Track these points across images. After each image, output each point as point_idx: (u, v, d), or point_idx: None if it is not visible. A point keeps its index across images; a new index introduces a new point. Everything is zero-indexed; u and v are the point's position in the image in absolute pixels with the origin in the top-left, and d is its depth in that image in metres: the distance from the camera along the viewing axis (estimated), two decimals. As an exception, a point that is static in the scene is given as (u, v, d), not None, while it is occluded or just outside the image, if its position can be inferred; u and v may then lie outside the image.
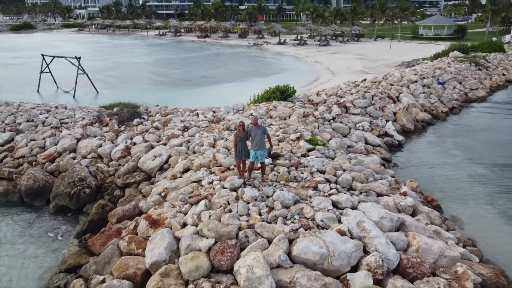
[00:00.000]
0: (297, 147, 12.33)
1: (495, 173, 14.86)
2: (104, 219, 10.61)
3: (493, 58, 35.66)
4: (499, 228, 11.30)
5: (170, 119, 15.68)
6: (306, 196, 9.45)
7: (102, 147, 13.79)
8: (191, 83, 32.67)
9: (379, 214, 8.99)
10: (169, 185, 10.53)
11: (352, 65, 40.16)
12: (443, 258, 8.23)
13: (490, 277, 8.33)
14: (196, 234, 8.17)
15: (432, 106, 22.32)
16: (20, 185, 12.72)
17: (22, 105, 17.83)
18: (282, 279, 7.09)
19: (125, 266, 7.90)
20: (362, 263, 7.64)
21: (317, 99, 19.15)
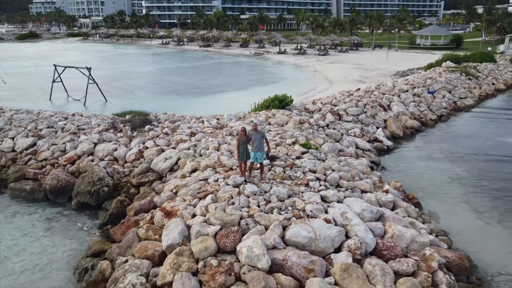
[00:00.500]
0: (292, 150, 13.85)
1: (473, 175, 16.33)
2: (122, 212, 12.12)
3: (484, 68, 37.26)
4: (471, 223, 12.75)
5: (178, 125, 17.24)
6: (298, 192, 10.95)
7: (117, 150, 15.33)
8: (195, 92, 34.27)
9: (361, 207, 10.47)
10: (180, 183, 12.04)
11: (349, 75, 41.79)
12: (414, 243, 9.68)
13: (454, 260, 9.79)
14: (204, 222, 9.65)
15: (421, 114, 23.85)
16: (45, 184, 14.23)
17: (42, 112, 19.44)
18: (276, 257, 8.56)
19: (144, 249, 9.38)
20: (344, 246, 9.11)
21: (313, 107, 20.71)
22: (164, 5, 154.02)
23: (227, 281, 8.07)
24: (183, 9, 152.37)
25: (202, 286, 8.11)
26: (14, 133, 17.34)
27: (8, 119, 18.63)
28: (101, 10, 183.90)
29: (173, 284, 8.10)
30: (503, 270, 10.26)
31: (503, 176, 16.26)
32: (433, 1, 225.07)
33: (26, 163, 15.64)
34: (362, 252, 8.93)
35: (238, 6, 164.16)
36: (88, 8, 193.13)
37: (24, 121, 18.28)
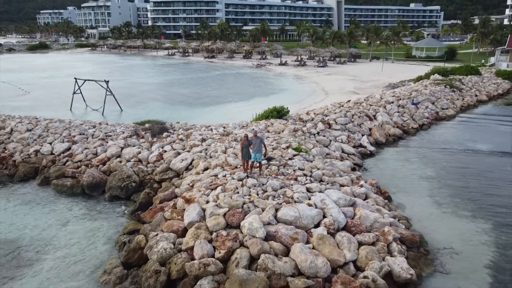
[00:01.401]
0: (286, 153, 16.87)
1: (440, 175, 19.27)
2: (149, 202, 15.15)
3: (468, 81, 40.28)
4: (430, 212, 15.66)
5: (191, 133, 20.29)
6: (289, 184, 13.96)
7: (141, 153, 18.39)
8: (202, 103, 37.38)
9: (338, 196, 13.45)
10: (195, 178, 15.07)
11: (344, 86, 44.86)
12: (376, 223, 12.65)
13: (408, 236, 12.74)
14: (216, 206, 12.65)
15: (404, 123, 26.85)
16: (82, 181, 17.28)
17: (72, 121, 22.56)
18: (270, 230, 11.53)
19: (171, 225, 12.37)
20: (321, 223, 12.08)
21: (306, 117, 23.76)
22: (169, 17, 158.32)
23: (233, 245, 11.04)
24: (187, 20, 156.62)
25: (215, 249, 11.08)
26: (51, 139, 20.45)
27: (44, 127, 21.76)
28: (108, 21, 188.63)
29: (194, 248, 11.08)
30: (448, 245, 13.17)
31: (466, 176, 19.21)
32: (433, 12, 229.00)
33: (64, 163, 18.72)
34: (335, 228, 11.91)
35: (241, 17, 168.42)
36: (95, 19, 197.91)
37: (59, 128, 21.41)
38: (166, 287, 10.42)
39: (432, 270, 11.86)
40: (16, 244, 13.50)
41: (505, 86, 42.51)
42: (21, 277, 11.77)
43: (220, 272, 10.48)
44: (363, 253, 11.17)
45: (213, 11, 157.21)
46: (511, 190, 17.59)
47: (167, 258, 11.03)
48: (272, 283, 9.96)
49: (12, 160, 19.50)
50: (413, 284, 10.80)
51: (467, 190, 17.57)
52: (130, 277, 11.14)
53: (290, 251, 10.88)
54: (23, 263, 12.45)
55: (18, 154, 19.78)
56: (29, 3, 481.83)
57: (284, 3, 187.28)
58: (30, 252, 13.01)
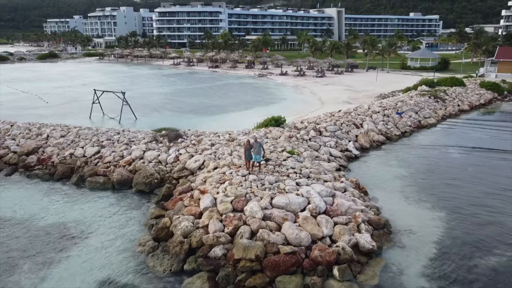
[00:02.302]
0: (281, 155, 20.47)
1: (413, 174, 22.80)
2: (169, 194, 18.74)
3: (453, 92, 43.86)
4: (399, 203, 19.17)
5: (201, 139, 23.90)
6: (282, 179, 17.54)
7: (160, 156, 22.01)
8: (208, 112, 41.04)
9: (320, 188, 17.01)
10: (207, 175, 18.67)
11: (339, 96, 48.44)
12: (350, 209, 16.17)
13: (374, 219, 16.24)
14: (225, 196, 16.21)
15: (388, 131, 30.41)
16: (112, 179, 20.89)
17: (99, 129, 26.24)
18: (266, 213, 15.07)
19: (190, 210, 15.93)
20: (306, 208, 15.62)
21: (301, 125, 27.37)
22: (174, 26, 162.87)
23: (238, 223, 14.58)
24: (192, 30, 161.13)
25: (225, 226, 14.61)
26: (83, 144, 24.12)
27: (76, 133, 25.44)
28: (114, 30, 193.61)
29: (208, 225, 14.64)
30: (407, 228, 16.66)
31: (433, 174, 22.76)
32: (432, 21, 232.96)
33: (96, 164, 22.35)
34: (317, 212, 15.45)
35: (244, 26, 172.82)
36: (101, 28, 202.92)
37: (88, 135, 25.08)
38: (188, 253, 13.97)
39: (391, 244, 15.38)
40: (65, 227, 17.08)
41: (488, 97, 46.09)
42: (74, 250, 15.33)
43: (229, 242, 14.02)
44: (337, 230, 14.70)
45: (216, 21, 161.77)
46: (466, 185, 21.12)
47: (188, 232, 14.59)
48: (267, 249, 13.49)
49: (51, 161, 23.15)
50: (374, 252, 14.31)
51: (431, 186, 21.10)
52: (160, 247, 14.71)
53: (282, 228, 14.43)
54: (73, 241, 16.01)
55: (55, 157, 23.42)
56: (35, 11, 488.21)
57: (286, 13, 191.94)
58: (77, 234, 16.58)
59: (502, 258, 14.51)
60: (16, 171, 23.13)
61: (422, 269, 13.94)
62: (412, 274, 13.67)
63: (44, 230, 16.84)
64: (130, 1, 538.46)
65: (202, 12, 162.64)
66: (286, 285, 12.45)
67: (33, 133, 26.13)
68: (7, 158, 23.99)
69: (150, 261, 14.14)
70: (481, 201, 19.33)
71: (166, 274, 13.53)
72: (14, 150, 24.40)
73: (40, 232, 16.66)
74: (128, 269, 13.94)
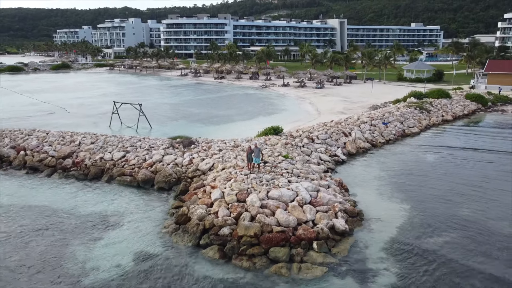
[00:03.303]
0: (277, 159, 24.73)
1: (390, 175, 26.92)
2: (185, 190, 23.03)
3: (438, 103, 47.99)
4: (374, 199, 23.28)
5: (211, 145, 28.21)
6: (277, 178, 21.79)
7: (177, 159, 26.34)
8: (215, 121, 45.41)
9: (308, 185, 21.24)
10: (216, 174, 22.95)
11: (335, 107, 52.69)
12: (330, 201, 20.37)
13: (350, 209, 20.42)
14: (231, 190, 20.46)
15: (374, 139, 34.58)
16: (137, 178, 25.20)
17: (123, 136, 30.65)
18: (263, 202, 19.31)
19: (203, 201, 20.20)
20: (295, 199, 19.84)
21: (296, 134, 31.62)
22: (181, 37, 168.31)
23: (241, 211, 18.80)
24: (198, 41, 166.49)
25: (231, 213, 18.84)
26: (110, 149, 28.51)
27: (103, 140, 29.86)
28: (122, 40, 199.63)
29: (218, 212, 18.89)
30: (377, 217, 20.78)
31: (408, 175, 26.89)
32: (433, 32, 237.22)
33: (123, 166, 26.69)
34: (303, 202, 19.65)
35: (248, 37, 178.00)
36: (110, 38, 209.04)
37: (114, 142, 29.49)
38: (202, 232, 18.20)
39: (362, 228, 19.53)
40: (102, 215, 21.36)
41: (471, 108, 50.17)
42: (112, 231, 19.60)
43: (234, 224, 18.24)
44: (318, 216, 18.89)
45: (222, 33, 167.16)
46: (433, 183, 25.22)
47: (203, 217, 18.84)
48: (263, 229, 17.68)
49: (84, 164, 27.53)
50: (347, 233, 18.47)
51: (403, 185, 25.24)
52: (180, 228, 18.95)
53: (275, 213, 18.65)
54: (111, 225, 20.26)
55: (88, 160, 27.81)
56: (43, 20, 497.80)
57: (289, 24, 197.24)
58: (113, 220, 20.85)
59: (447, 238, 18.61)
60: (55, 172, 27.50)
61: (383, 245, 18.07)
62: (375, 249, 17.79)
63: (86, 217, 21.14)
64: (136, 10, 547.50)
65: (208, 24, 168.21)
66: (276, 254, 16.64)
67: (66, 140, 30.58)
68: (46, 161, 28.41)
69: (174, 238, 18.40)
70: (441, 195, 23.45)
71: (186, 247, 17.76)
72: (52, 155, 28.83)
73: (83, 219, 20.96)
74: (157, 244, 18.20)
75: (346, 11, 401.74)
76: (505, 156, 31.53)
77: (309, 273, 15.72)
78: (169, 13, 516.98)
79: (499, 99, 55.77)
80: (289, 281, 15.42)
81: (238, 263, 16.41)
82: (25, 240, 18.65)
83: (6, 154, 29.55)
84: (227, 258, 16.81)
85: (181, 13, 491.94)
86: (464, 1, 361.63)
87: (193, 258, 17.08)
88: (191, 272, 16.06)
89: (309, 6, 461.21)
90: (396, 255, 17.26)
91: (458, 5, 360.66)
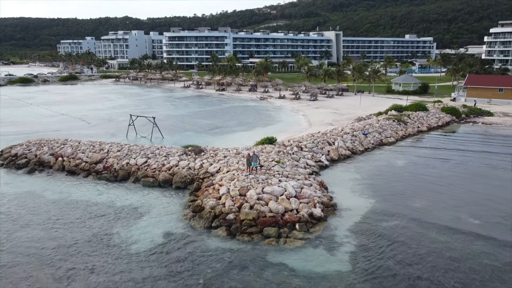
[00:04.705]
0: (271, 164, 30.89)
1: (364, 177, 33.04)
2: (198, 188, 29.16)
3: (415, 116, 54.30)
4: (348, 195, 29.36)
5: (217, 153, 34.35)
6: (270, 178, 27.96)
7: (190, 164, 32.47)
8: (218, 131, 51.59)
9: (294, 183, 27.40)
10: (222, 175, 29.10)
11: (325, 118, 58.94)
12: (311, 195, 26.51)
13: (326, 202, 26.57)
14: (234, 187, 26.59)
15: (354, 147, 40.76)
16: (158, 179, 31.29)
17: (144, 145, 36.79)
18: (259, 196, 25.45)
19: (213, 195, 26.32)
20: (284, 194, 25.99)
21: (287, 143, 37.80)
22: (183, 50, 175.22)
23: (243, 202, 24.92)
24: (199, 53, 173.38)
25: (234, 203, 24.94)
26: (134, 156, 34.64)
27: (128, 149, 36.01)
28: (126, 52, 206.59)
29: (225, 203, 25.01)
30: (348, 208, 26.85)
31: (378, 177, 33.01)
32: (426, 43, 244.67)
33: (145, 170, 32.81)
34: (290, 196, 25.79)
35: (247, 49, 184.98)
36: (114, 50, 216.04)
37: (137, 150, 35.63)
38: (213, 217, 24.28)
39: (334, 215, 25.61)
40: (132, 208, 27.41)
41: (446, 119, 56.49)
42: (141, 219, 25.64)
43: (237, 211, 24.33)
44: (301, 206, 25.00)
45: (222, 45, 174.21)
46: (397, 183, 31.36)
47: (213, 207, 24.94)
48: (259, 215, 23.78)
49: (113, 168, 33.63)
50: (322, 219, 24.57)
51: (373, 184, 31.37)
52: (196, 215, 25.02)
53: (268, 204, 24.77)
54: (139, 215, 26.30)
55: (116, 165, 33.92)
56: (45, 30, 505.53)
57: (287, 36, 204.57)
58: (141, 211, 26.90)
59: (398, 222, 24.71)
60: (90, 174, 33.59)
61: (349, 227, 24.13)
62: (342, 230, 23.85)
63: (121, 209, 27.18)
64: (137, 20, 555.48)
65: (209, 36, 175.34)
66: (268, 232, 22.71)
67: (96, 148, 36.73)
68: (81, 166, 34.53)
69: (191, 222, 24.49)
70: (400, 191, 29.65)
71: (201, 228, 23.82)
72: (85, 160, 34.95)
73: (119, 210, 27.00)
74: (179, 226, 24.28)
75: (343, 21, 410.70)
76: (458, 153, 38.12)
77: (292, 245, 21.83)
78: (170, 23, 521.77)
79: (473, 111, 62.12)
80: (277, 250, 21.50)
81: (240, 238, 22.50)
82: (81, 225, 24.69)
83: (47, 160, 35.68)
84: (232, 235, 22.89)
85: (182, 23, 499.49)
86: (458, 12, 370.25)
87: (206, 236, 23.14)
88: (206, 245, 22.10)
89: (307, 17, 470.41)
90: (357, 234, 23.34)
91: (452, 16, 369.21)
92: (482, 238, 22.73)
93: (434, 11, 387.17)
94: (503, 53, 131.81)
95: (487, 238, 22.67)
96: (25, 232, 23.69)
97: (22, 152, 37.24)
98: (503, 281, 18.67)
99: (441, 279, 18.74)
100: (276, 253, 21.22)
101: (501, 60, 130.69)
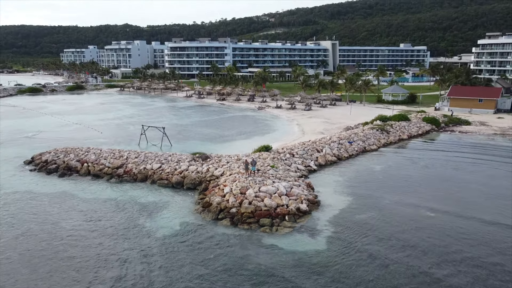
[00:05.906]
0: (266, 168, 36.81)
1: (346, 180, 38.90)
2: (206, 188, 35.04)
3: (398, 125, 60.30)
4: (331, 194, 35.20)
5: (221, 159, 40.22)
6: (266, 179, 33.86)
7: (198, 168, 38.34)
8: (220, 140, 57.47)
9: (285, 184, 33.29)
10: (226, 178, 34.98)
11: (317, 128, 64.86)
12: (299, 194, 32.38)
13: (311, 199, 32.46)
14: (236, 187, 32.46)
15: (340, 154, 46.68)
16: (172, 181, 37.14)
17: (157, 152, 42.65)
18: (257, 194, 31.32)
19: (219, 193, 32.18)
20: (277, 192, 31.87)
21: (281, 151, 43.71)
22: (184, 59, 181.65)
23: (243, 199, 30.78)
24: (200, 63, 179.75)
25: (236, 200, 30.79)
26: (150, 162, 40.51)
27: (144, 155, 41.91)
28: (128, 61, 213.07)
29: (229, 200, 30.88)
30: (329, 204, 32.67)
31: (360, 179, 38.89)
32: (420, 52, 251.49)
33: (160, 173, 38.67)
34: (281, 194, 31.66)
35: (246, 59, 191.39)
36: (117, 59, 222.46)
37: (152, 156, 41.51)
38: (219, 211, 30.11)
39: (318, 210, 31.45)
40: (150, 205, 33.24)
41: (426, 128, 62.51)
42: (159, 214, 31.44)
43: (238, 206, 30.17)
44: (290, 202, 30.86)
45: (222, 55, 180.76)
46: (373, 183, 37.22)
47: (219, 203, 30.80)
48: (256, 209, 29.64)
49: (132, 172, 39.48)
50: (307, 212, 30.41)
51: (353, 185, 37.21)
52: (205, 210, 30.86)
53: (263, 200, 30.63)
54: (157, 210, 32.11)
55: (135, 169, 39.77)
56: (46, 37, 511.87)
57: (285, 46, 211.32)
58: (159, 206, 32.71)
59: (371, 215, 30.54)
60: (112, 178, 39.41)
61: (329, 219, 29.96)
62: (323, 220, 29.67)
63: (142, 205, 32.97)
64: (137, 27, 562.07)
65: (210, 47, 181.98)
66: (264, 222, 28.56)
67: (116, 155, 42.60)
68: (104, 170, 40.37)
69: (202, 215, 30.33)
70: (375, 189, 35.48)
71: (209, 220, 29.64)
72: (108, 166, 40.80)
73: (140, 205, 32.79)
74: (191, 218, 30.10)
75: (340, 29, 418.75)
76: (429, 158, 44.05)
77: (282, 231, 27.69)
78: (169, 30, 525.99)
79: (452, 121, 68.18)
80: (270, 235, 27.33)
81: (241, 227, 28.35)
82: (114, 217, 30.49)
83: (74, 165, 41.55)
84: (235, 225, 28.73)
85: (181, 30, 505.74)
86: (453, 21, 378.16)
87: (214, 225, 28.97)
88: (214, 232, 27.91)
89: (305, 25, 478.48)
90: (335, 224, 29.19)
91: (447, 24, 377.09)
92: (435, 226, 28.61)
93: (430, 19, 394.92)
94: (490, 63, 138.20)
95: (438, 226, 28.56)
96: (69, 223, 29.52)
97: (52, 158, 43.11)
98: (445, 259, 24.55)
99: (395, 256, 24.59)
100: (269, 237, 27.04)
101: (488, 70, 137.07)
